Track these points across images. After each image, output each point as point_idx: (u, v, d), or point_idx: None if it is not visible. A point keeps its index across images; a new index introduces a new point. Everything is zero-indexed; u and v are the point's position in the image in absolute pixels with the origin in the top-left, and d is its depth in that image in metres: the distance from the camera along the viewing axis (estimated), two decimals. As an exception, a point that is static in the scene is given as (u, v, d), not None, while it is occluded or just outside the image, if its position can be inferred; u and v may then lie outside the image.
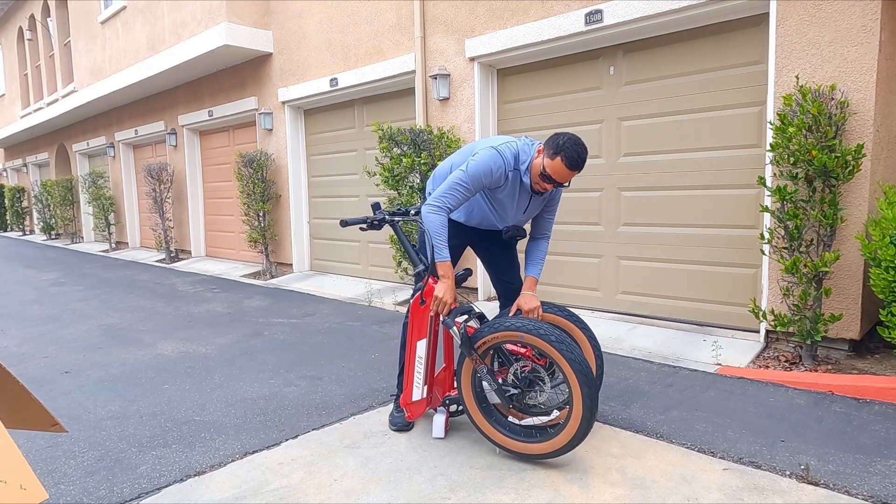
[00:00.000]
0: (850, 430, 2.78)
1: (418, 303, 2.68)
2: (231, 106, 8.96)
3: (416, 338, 2.71)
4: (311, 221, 8.30)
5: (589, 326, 2.84)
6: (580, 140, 2.48)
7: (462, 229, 2.93)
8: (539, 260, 2.86)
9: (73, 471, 2.61)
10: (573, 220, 5.28)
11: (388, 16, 6.47)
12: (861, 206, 3.63)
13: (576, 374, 2.31)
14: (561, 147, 2.45)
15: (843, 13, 3.61)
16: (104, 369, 4.10)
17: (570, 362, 2.31)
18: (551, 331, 2.38)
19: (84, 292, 7.40)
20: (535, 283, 2.82)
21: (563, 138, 2.48)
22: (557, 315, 2.80)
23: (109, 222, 12.75)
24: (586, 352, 2.79)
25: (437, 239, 2.55)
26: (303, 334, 4.95)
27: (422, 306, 2.68)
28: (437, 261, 2.57)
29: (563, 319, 2.79)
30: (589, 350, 2.78)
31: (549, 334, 2.36)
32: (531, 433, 2.52)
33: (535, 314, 2.74)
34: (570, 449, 2.39)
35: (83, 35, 12.23)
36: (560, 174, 2.49)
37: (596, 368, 2.78)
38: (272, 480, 2.46)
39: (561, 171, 2.48)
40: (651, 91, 4.71)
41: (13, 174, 21.16)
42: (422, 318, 2.69)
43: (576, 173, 2.51)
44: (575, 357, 2.32)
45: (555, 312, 2.80)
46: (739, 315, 4.36)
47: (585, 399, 2.31)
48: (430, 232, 2.55)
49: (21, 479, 0.90)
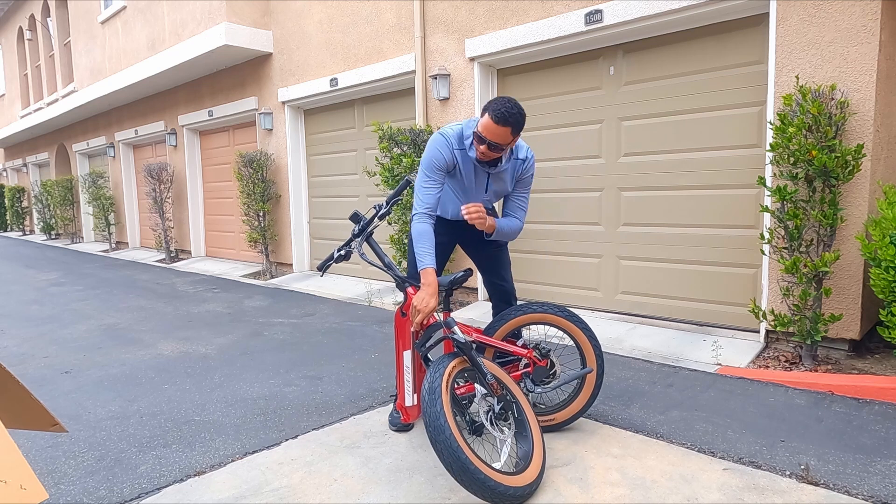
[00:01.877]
0: (850, 430, 2.78)
1: (399, 315, 2.72)
2: (231, 106, 8.96)
3: (402, 349, 2.74)
4: (311, 221, 8.30)
5: (589, 326, 2.85)
6: (511, 98, 2.52)
7: (446, 224, 2.94)
8: (505, 223, 2.80)
9: (73, 471, 2.61)
10: (573, 220, 5.28)
11: (388, 16, 6.47)
12: (861, 206, 3.63)
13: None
14: (488, 106, 2.50)
15: (843, 13, 3.61)
16: (104, 369, 4.10)
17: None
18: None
19: (84, 292, 7.40)
20: (493, 225, 2.75)
21: (492, 100, 2.52)
22: (557, 315, 2.80)
23: (109, 222, 12.75)
24: (587, 352, 2.79)
25: (417, 247, 2.56)
26: (303, 334, 4.95)
27: (403, 318, 2.71)
28: (419, 269, 2.57)
29: (563, 319, 2.80)
30: (590, 350, 2.79)
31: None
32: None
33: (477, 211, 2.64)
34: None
35: (83, 35, 12.22)
36: (491, 131, 2.49)
37: (597, 368, 2.79)
38: (272, 480, 2.46)
39: (489, 126, 2.48)
40: (651, 91, 4.71)
41: (13, 174, 21.16)
42: (404, 329, 2.73)
43: (508, 130, 2.48)
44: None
45: (555, 313, 2.81)
46: (739, 315, 4.36)
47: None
48: (415, 244, 2.58)
49: (21, 479, 0.90)
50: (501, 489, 2.09)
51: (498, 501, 2.09)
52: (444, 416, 2.13)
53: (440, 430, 2.11)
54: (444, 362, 2.38)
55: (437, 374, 2.28)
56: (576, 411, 2.80)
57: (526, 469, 2.25)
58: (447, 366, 2.36)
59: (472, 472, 2.06)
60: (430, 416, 2.14)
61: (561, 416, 2.80)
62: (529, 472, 2.25)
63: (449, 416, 2.15)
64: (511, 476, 2.17)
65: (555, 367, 2.81)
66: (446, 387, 2.26)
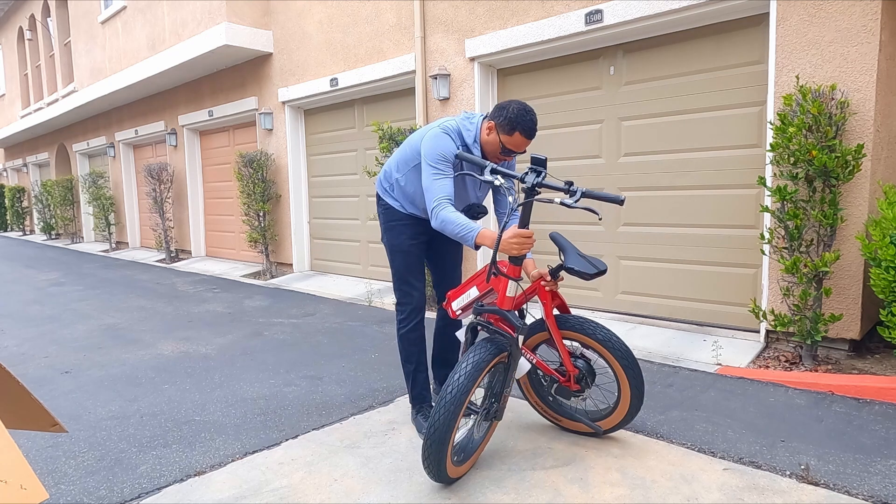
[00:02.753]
0: (850, 430, 2.78)
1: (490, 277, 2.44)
2: (231, 106, 8.96)
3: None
4: (311, 221, 8.30)
5: (626, 351, 2.62)
6: (527, 107, 2.48)
7: (420, 224, 2.84)
8: None
9: (73, 471, 2.61)
10: (573, 219, 5.28)
11: (389, 16, 6.47)
12: (861, 206, 3.63)
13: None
14: (516, 122, 2.46)
15: (843, 13, 3.61)
16: (104, 369, 4.10)
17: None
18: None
19: (84, 292, 7.40)
20: (534, 264, 2.70)
21: (512, 112, 2.46)
22: (588, 336, 2.60)
23: (109, 222, 12.75)
24: (621, 380, 2.61)
25: (459, 226, 2.39)
26: (303, 334, 4.95)
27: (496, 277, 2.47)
28: (475, 240, 2.36)
29: (595, 342, 2.58)
30: (624, 378, 2.60)
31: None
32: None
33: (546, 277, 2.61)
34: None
35: (83, 35, 12.22)
36: (520, 145, 2.52)
37: (631, 399, 2.65)
38: (272, 480, 2.46)
39: (521, 142, 2.51)
40: (651, 91, 4.71)
41: (13, 174, 21.16)
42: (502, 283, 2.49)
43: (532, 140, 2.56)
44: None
45: (588, 333, 2.59)
46: (739, 315, 4.36)
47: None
48: (448, 229, 2.41)
49: (21, 479, 0.90)
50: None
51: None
52: (449, 432, 2.17)
53: (441, 447, 2.19)
54: (483, 357, 2.26)
55: (468, 381, 2.20)
56: (606, 428, 2.71)
57: (466, 461, 2.42)
58: (483, 369, 2.24)
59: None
60: (439, 422, 2.18)
61: (580, 427, 2.77)
62: (467, 464, 2.43)
63: (453, 436, 2.23)
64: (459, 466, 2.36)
65: (583, 392, 2.66)
66: (463, 408, 2.21)
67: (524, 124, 2.46)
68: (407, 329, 2.86)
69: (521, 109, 2.47)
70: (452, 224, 2.40)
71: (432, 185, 2.51)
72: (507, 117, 2.47)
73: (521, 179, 2.30)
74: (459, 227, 2.39)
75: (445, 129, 2.60)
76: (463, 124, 2.62)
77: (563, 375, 2.65)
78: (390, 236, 2.87)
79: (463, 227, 2.38)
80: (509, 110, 2.47)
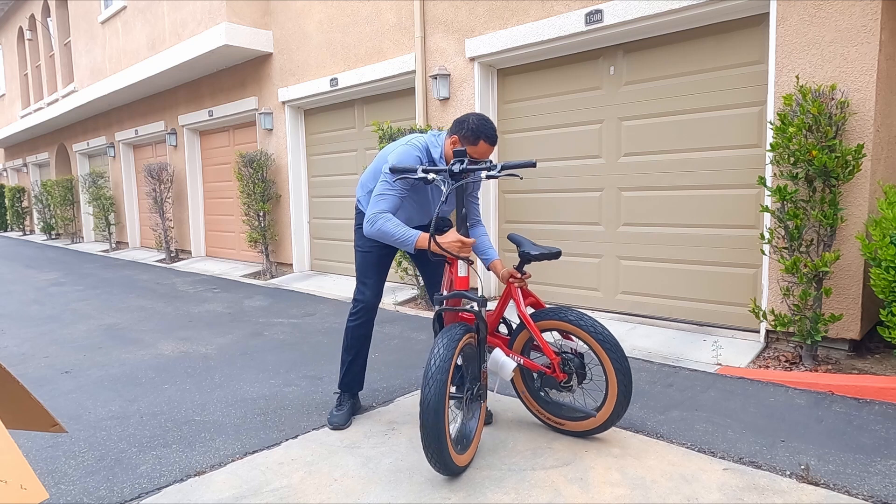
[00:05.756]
0: (850, 430, 2.78)
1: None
2: (231, 106, 8.96)
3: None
4: (311, 221, 8.30)
5: (609, 336, 2.64)
6: (484, 116, 2.63)
7: None
8: (489, 245, 2.92)
9: (73, 471, 2.61)
10: (573, 220, 5.29)
11: (389, 16, 6.47)
12: (861, 206, 3.63)
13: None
14: (479, 132, 2.59)
15: (843, 13, 3.61)
16: (104, 369, 4.10)
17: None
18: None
19: (84, 292, 7.40)
20: (502, 264, 2.87)
21: (473, 123, 2.60)
22: (570, 323, 2.64)
23: (109, 222, 12.75)
24: (607, 367, 2.62)
25: (398, 233, 2.57)
26: (303, 334, 4.95)
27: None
28: (416, 243, 2.54)
29: (576, 327, 2.63)
30: (609, 365, 2.61)
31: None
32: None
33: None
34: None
35: (83, 35, 12.23)
36: (485, 153, 2.65)
37: (618, 385, 2.67)
38: (272, 480, 2.46)
39: (486, 150, 2.64)
40: (651, 91, 4.71)
41: (13, 174, 21.17)
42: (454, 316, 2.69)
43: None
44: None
45: (570, 320, 2.64)
46: (739, 315, 4.36)
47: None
48: (387, 236, 2.58)
49: (21, 479, 0.90)
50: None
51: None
52: (443, 402, 2.22)
53: (438, 420, 2.22)
54: (454, 335, 2.38)
55: (447, 351, 2.30)
56: (591, 427, 2.71)
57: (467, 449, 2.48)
58: (458, 341, 2.37)
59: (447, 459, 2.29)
60: (430, 399, 2.22)
61: (573, 426, 2.75)
62: (471, 449, 2.50)
63: (446, 411, 2.26)
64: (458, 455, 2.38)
65: (570, 382, 2.66)
66: (450, 376, 2.29)
67: (486, 132, 2.60)
68: (355, 324, 3.02)
69: (480, 119, 2.62)
70: (391, 233, 2.59)
71: (380, 198, 2.65)
72: (469, 129, 2.61)
73: (450, 169, 2.53)
74: (399, 234, 2.58)
75: (414, 144, 2.72)
76: (431, 140, 2.76)
77: (548, 368, 2.70)
78: (356, 237, 3.07)
79: (402, 234, 2.57)
80: (469, 122, 2.62)
